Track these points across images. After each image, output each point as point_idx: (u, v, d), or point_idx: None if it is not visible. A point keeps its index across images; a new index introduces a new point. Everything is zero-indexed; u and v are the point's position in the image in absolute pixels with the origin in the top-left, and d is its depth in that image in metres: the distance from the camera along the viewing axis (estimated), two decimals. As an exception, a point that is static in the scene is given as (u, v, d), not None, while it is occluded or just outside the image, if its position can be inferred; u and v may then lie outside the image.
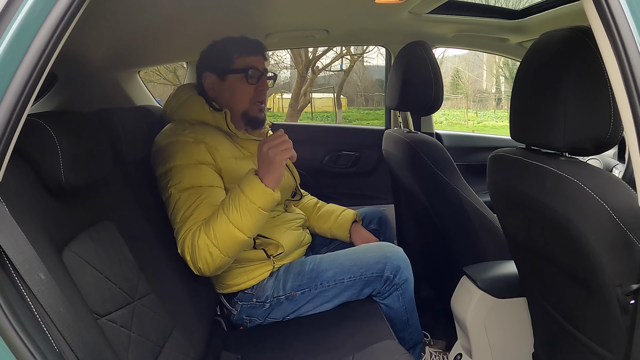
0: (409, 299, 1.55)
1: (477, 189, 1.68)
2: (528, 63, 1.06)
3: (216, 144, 1.47)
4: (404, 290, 1.53)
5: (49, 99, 1.77)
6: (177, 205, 1.36)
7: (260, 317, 1.53)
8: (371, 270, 1.50)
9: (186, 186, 1.37)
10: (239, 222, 1.27)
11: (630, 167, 1.80)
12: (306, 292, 1.52)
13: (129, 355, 0.96)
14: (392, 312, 1.54)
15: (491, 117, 14.71)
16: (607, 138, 0.92)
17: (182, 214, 1.34)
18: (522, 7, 1.97)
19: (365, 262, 1.52)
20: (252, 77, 1.55)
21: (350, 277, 1.51)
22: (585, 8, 0.77)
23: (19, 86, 0.68)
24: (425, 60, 1.66)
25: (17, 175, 0.85)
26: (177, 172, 1.40)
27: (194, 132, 1.47)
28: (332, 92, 12.96)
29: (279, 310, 1.53)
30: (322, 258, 1.58)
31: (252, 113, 1.58)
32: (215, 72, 1.57)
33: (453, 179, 1.61)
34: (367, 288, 1.52)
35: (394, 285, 1.52)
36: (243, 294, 1.53)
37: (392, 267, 1.50)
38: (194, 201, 1.35)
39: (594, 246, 0.88)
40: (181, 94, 1.60)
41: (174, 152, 1.42)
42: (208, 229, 1.28)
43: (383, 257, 1.52)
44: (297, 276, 1.53)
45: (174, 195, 1.38)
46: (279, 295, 1.52)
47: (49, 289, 0.73)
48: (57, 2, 0.69)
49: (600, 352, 1.01)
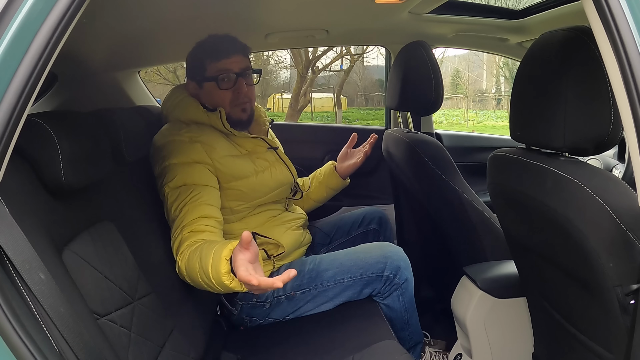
0: (409, 298, 1.55)
1: (477, 189, 1.68)
2: (528, 63, 1.06)
3: (212, 142, 1.47)
4: (404, 290, 1.54)
5: (49, 99, 1.77)
6: (169, 203, 1.37)
7: (260, 316, 1.53)
8: (371, 270, 1.51)
9: (178, 184, 1.38)
10: (200, 276, 1.18)
11: (630, 167, 1.80)
12: (306, 292, 1.52)
13: (129, 355, 0.96)
14: (392, 312, 1.54)
15: (491, 117, 14.71)
16: (607, 138, 0.92)
17: (173, 212, 1.35)
18: (522, 7, 1.97)
19: (365, 262, 1.52)
20: (224, 82, 1.52)
21: (350, 277, 1.51)
22: (585, 8, 0.77)
23: (19, 86, 0.68)
24: (425, 60, 1.66)
25: (17, 175, 0.85)
26: (172, 170, 1.40)
27: (190, 131, 1.47)
28: (332, 92, 12.96)
29: (279, 310, 1.53)
30: (322, 258, 1.58)
31: (235, 116, 1.56)
32: (194, 80, 1.58)
33: (453, 179, 1.61)
34: (367, 288, 1.52)
35: (394, 285, 1.52)
36: (243, 294, 1.52)
37: (392, 267, 1.51)
38: (183, 199, 1.35)
39: (594, 246, 0.88)
40: (175, 95, 1.60)
41: (169, 151, 1.43)
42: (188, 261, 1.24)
43: (383, 257, 1.52)
44: (297, 276, 1.51)
45: (167, 193, 1.38)
46: (279, 295, 1.52)
47: (49, 289, 0.73)
48: (57, 2, 0.69)
49: (600, 352, 1.01)
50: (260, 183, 1.54)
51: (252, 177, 1.53)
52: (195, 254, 1.22)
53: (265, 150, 1.62)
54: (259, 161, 1.58)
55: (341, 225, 1.92)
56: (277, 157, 1.64)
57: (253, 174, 1.53)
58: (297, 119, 10.90)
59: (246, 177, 1.51)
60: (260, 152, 1.60)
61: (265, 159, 1.60)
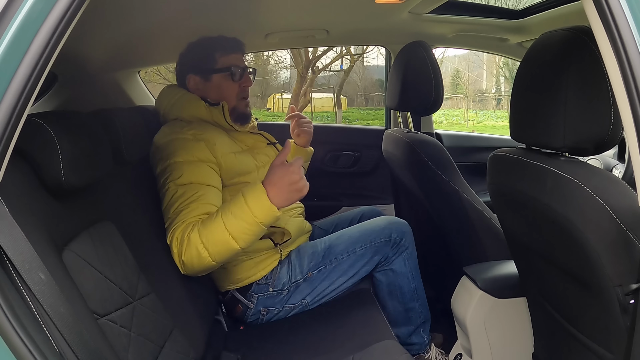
0: (414, 265, 1.63)
1: (477, 189, 1.68)
2: (528, 63, 1.06)
3: (215, 140, 1.48)
4: (409, 255, 1.61)
5: (49, 99, 1.77)
6: (173, 199, 1.36)
7: (278, 305, 1.56)
8: (380, 235, 1.58)
9: (185, 181, 1.38)
10: (236, 231, 1.26)
11: (630, 167, 1.80)
12: (322, 270, 1.57)
13: (129, 355, 0.96)
14: (399, 278, 1.60)
15: (491, 117, 14.70)
16: (607, 138, 0.92)
17: (177, 207, 1.35)
18: (522, 7, 1.97)
19: (373, 230, 1.60)
20: (235, 75, 1.59)
21: (361, 246, 1.58)
22: (585, 8, 0.77)
23: (19, 86, 0.68)
24: (425, 60, 1.66)
25: (17, 175, 0.85)
26: (177, 167, 1.40)
27: (193, 129, 1.48)
28: (332, 92, 12.96)
29: (297, 294, 1.56)
30: (331, 237, 1.65)
31: (240, 109, 1.63)
32: (199, 73, 1.59)
33: (453, 179, 1.61)
34: (377, 255, 1.58)
35: (400, 248, 1.59)
36: (257, 286, 1.54)
37: (398, 231, 1.60)
38: (189, 197, 1.35)
39: (594, 246, 0.88)
40: (172, 93, 1.61)
41: (174, 149, 1.43)
42: (203, 229, 1.28)
43: (389, 223, 1.63)
44: (312, 257, 1.59)
45: (171, 189, 1.38)
46: (297, 280, 1.56)
47: (49, 289, 0.73)
48: (57, 2, 0.69)
49: (600, 352, 1.01)
50: (262, 178, 1.55)
51: (254, 173, 1.55)
52: (214, 218, 1.27)
53: (264, 146, 1.67)
54: (260, 156, 1.62)
55: (339, 222, 1.95)
56: (277, 153, 1.66)
57: (255, 169, 1.57)
58: (297, 119, 10.87)
59: (248, 173, 1.54)
60: (260, 147, 1.65)
61: (266, 154, 1.64)
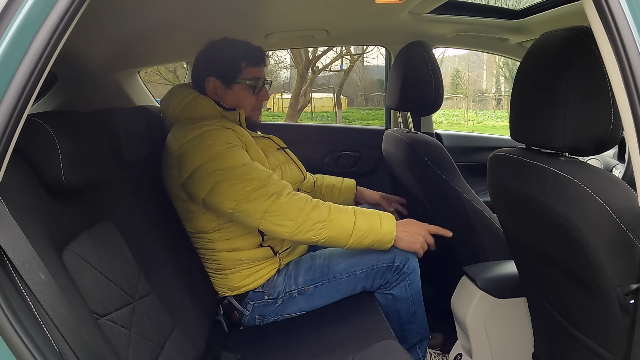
0: (416, 290, 1.55)
1: (477, 189, 1.68)
2: (528, 63, 1.06)
3: (238, 130, 1.51)
4: (412, 281, 1.54)
5: (49, 99, 1.77)
6: (236, 184, 1.37)
7: (273, 314, 1.54)
8: (382, 260, 1.51)
9: (235, 165, 1.40)
10: (359, 224, 1.40)
11: (630, 167, 1.80)
12: (319, 286, 1.53)
13: (129, 355, 0.96)
14: (399, 302, 1.54)
15: (491, 117, 14.71)
16: (607, 138, 0.92)
17: (250, 186, 1.37)
18: (522, 7, 1.97)
19: (376, 252, 1.52)
20: (257, 88, 1.62)
21: (362, 269, 1.52)
22: (585, 8, 0.77)
23: (19, 86, 0.68)
24: (425, 60, 1.66)
25: (17, 175, 0.85)
26: (219, 158, 1.40)
27: (216, 120, 1.50)
28: (332, 92, 12.96)
29: (292, 305, 1.53)
30: (331, 251, 1.59)
31: (253, 119, 1.66)
32: (221, 78, 1.59)
33: (453, 179, 1.61)
34: (377, 279, 1.52)
35: (402, 274, 1.52)
36: (254, 294, 1.54)
37: (402, 256, 1.51)
38: (256, 174, 1.39)
39: (594, 246, 0.88)
40: (183, 94, 1.60)
41: (205, 144, 1.42)
42: (334, 206, 1.41)
43: (393, 246, 1.53)
44: (309, 270, 1.55)
45: (224, 177, 1.38)
46: (291, 290, 1.53)
47: (49, 289, 0.73)
48: (57, 2, 0.69)
49: (600, 352, 1.01)
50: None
51: None
52: (346, 207, 1.43)
53: (274, 150, 1.67)
54: (270, 159, 1.61)
55: None
56: (287, 157, 1.68)
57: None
58: (297, 119, 10.90)
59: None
60: (270, 151, 1.65)
61: (276, 158, 1.64)
